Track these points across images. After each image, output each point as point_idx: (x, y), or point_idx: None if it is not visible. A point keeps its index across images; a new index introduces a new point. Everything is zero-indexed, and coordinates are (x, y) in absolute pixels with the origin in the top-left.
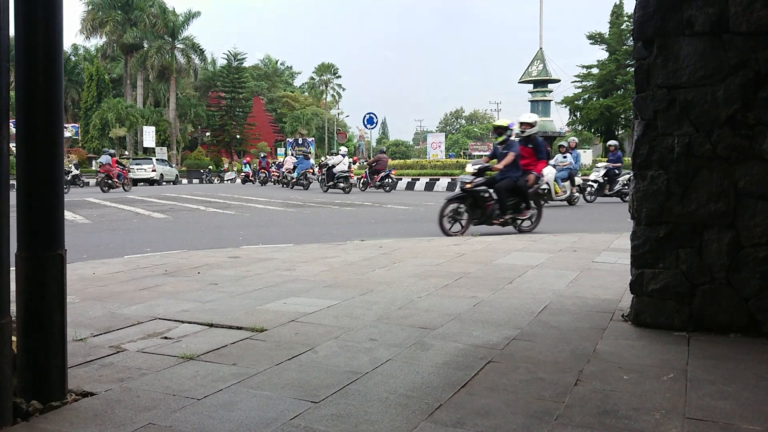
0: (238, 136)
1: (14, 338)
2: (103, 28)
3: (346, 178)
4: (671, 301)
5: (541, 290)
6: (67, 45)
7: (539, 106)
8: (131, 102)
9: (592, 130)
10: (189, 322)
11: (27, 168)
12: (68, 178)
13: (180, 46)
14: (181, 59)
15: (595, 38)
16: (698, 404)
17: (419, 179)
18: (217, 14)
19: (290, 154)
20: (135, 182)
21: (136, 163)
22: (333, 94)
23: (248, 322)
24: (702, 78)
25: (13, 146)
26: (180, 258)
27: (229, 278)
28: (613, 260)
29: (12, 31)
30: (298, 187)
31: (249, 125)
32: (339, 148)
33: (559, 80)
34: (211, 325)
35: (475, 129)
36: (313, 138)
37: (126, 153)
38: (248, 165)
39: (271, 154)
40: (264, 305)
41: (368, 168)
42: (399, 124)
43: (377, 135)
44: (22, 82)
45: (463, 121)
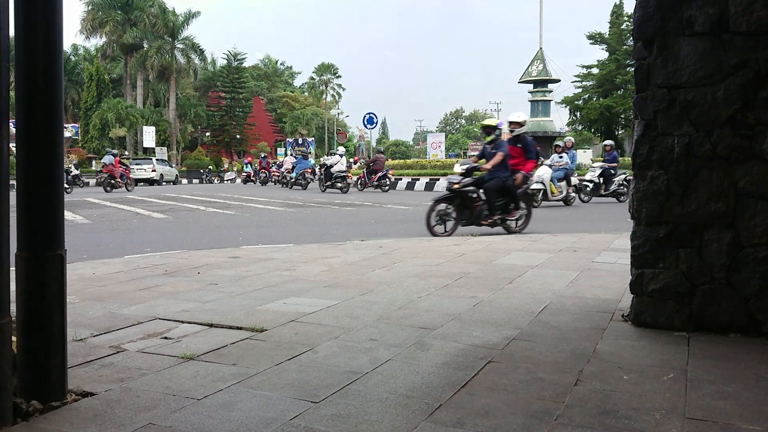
0: (238, 136)
1: (14, 338)
2: (103, 28)
3: (344, 177)
4: (671, 301)
5: (541, 290)
6: (67, 45)
7: (539, 106)
8: (131, 102)
9: (592, 130)
10: (189, 322)
11: (27, 168)
12: (69, 178)
13: (180, 46)
14: (181, 59)
15: (595, 38)
16: (698, 404)
17: (419, 179)
18: (217, 14)
19: (290, 154)
20: (135, 182)
21: (136, 163)
22: (333, 94)
23: (248, 322)
24: (702, 78)
25: (13, 146)
26: (180, 258)
27: (229, 278)
28: (613, 260)
29: (12, 31)
30: (296, 187)
31: (249, 125)
32: (337, 148)
33: (559, 80)
34: (211, 325)
35: (475, 129)
36: (313, 138)
37: (126, 153)
38: (249, 165)
39: (271, 154)
40: (264, 305)
41: (366, 168)
42: (399, 124)
43: (377, 135)
44: (22, 82)
45: (463, 121)
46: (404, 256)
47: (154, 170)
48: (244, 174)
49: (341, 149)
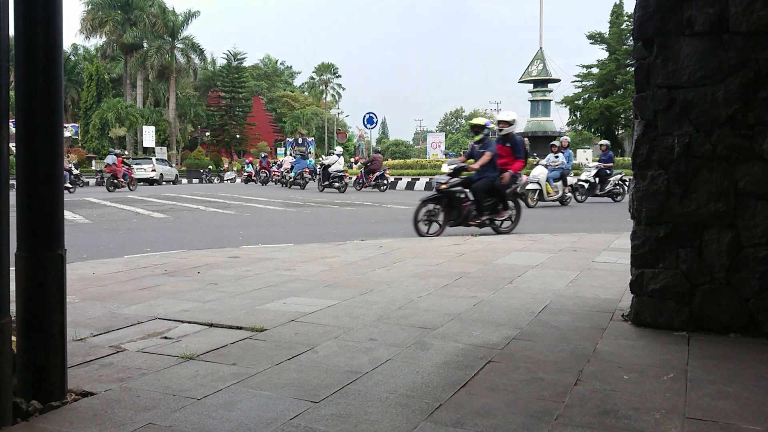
0: (237, 136)
1: (14, 338)
2: (103, 28)
3: (341, 177)
4: (671, 301)
5: (541, 290)
6: (66, 45)
7: (539, 106)
8: (131, 102)
9: (592, 130)
10: (189, 322)
11: (27, 168)
12: (72, 178)
13: (180, 45)
14: (180, 59)
15: (595, 38)
16: (698, 404)
17: (419, 179)
18: (217, 14)
19: (289, 153)
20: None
21: (135, 163)
22: (333, 94)
23: (248, 322)
24: (702, 78)
25: (13, 146)
26: (180, 258)
27: (229, 278)
28: (613, 260)
29: (12, 31)
30: (295, 187)
31: (249, 125)
32: (335, 148)
33: (559, 80)
34: (211, 325)
35: None
36: (312, 138)
37: (126, 153)
38: (251, 165)
39: (271, 154)
40: (264, 305)
41: (363, 168)
42: (399, 124)
43: (377, 135)
44: (22, 82)
45: (463, 121)
46: (404, 256)
47: (153, 170)
48: (246, 174)
49: (338, 149)
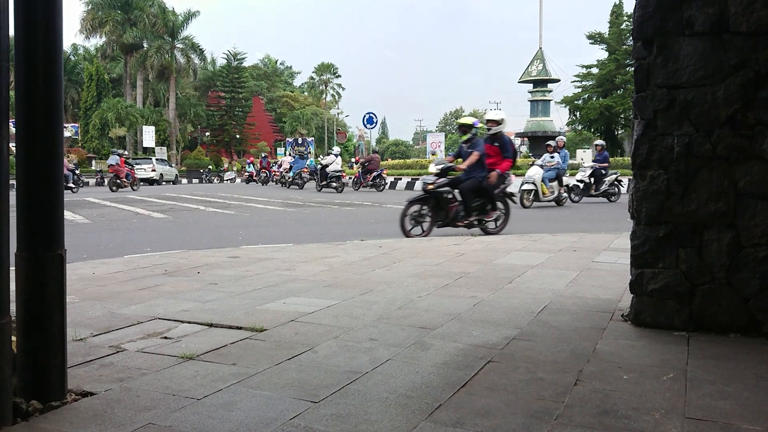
0: (237, 136)
1: (14, 338)
2: (103, 28)
3: (339, 177)
4: (671, 301)
5: (541, 290)
6: (66, 45)
7: (539, 106)
8: (131, 102)
9: (591, 130)
10: (189, 322)
11: (27, 168)
12: (75, 178)
13: (180, 45)
14: (180, 59)
15: (595, 38)
16: (698, 404)
17: (419, 179)
18: (217, 14)
19: (288, 153)
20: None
21: (135, 163)
22: (333, 94)
23: (248, 322)
24: (702, 78)
25: (13, 146)
26: (180, 258)
27: (228, 278)
28: (613, 260)
29: (12, 31)
30: (294, 187)
31: (249, 125)
32: (332, 148)
33: (558, 80)
34: (210, 325)
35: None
36: (312, 138)
37: (125, 153)
38: (252, 165)
39: (271, 154)
40: (264, 305)
41: (361, 167)
42: (399, 123)
43: (377, 135)
44: (22, 82)
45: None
46: (404, 256)
47: (153, 170)
48: (247, 174)
49: (336, 149)
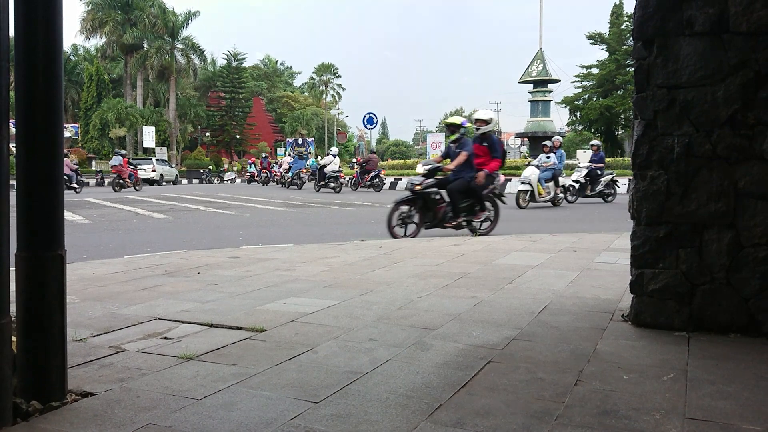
0: (237, 137)
1: (14, 338)
2: (103, 28)
3: (336, 177)
4: (671, 301)
5: (541, 290)
6: (67, 45)
7: (539, 106)
8: (131, 102)
9: (592, 130)
10: (189, 322)
11: (27, 168)
12: (79, 179)
13: (180, 46)
14: (180, 59)
15: (595, 38)
16: (698, 404)
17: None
18: (217, 14)
19: (288, 154)
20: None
21: (136, 163)
22: (333, 94)
23: (248, 322)
24: (702, 78)
25: (13, 146)
26: (180, 258)
27: (229, 278)
28: (613, 260)
29: (12, 31)
30: (292, 187)
31: (249, 125)
32: (330, 149)
33: (559, 80)
34: (211, 325)
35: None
36: (312, 138)
37: (126, 153)
38: (254, 165)
39: (271, 155)
40: (264, 305)
41: (359, 168)
42: (399, 124)
43: (377, 135)
44: (22, 82)
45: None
46: (404, 256)
47: (153, 170)
48: (248, 174)
49: (334, 149)
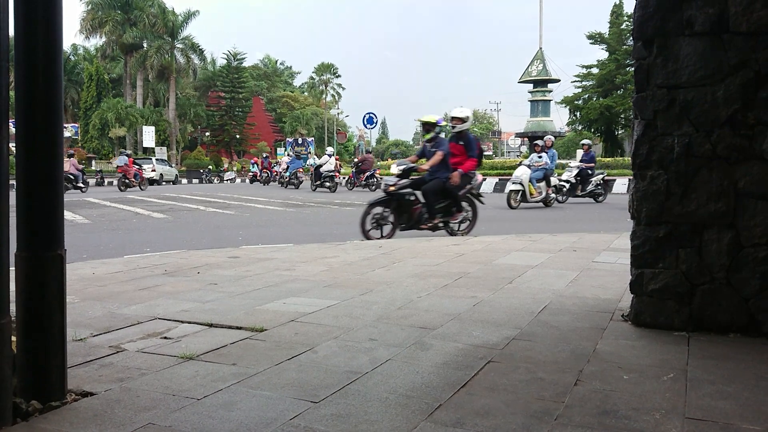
0: (237, 136)
1: (14, 338)
2: (103, 28)
3: (332, 177)
4: (671, 301)
5: (541, 290)
6: (66, 45)
7: (539, 106)
8: (131, 102)
9: (592, 130)
10: (189, 322)
11: (27, 168)
12: (84, 178)
13: (179, 45)
14: (180, 59)
15: (595, 38)
16: (698, 404)
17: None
18: (217, 14)
19: (287, 154)
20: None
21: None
22: (333, 94)
23: (248, 322)
24: (702, 78)
25: (13, 146)
26: (180, 258)
27: (228, 278)
28: (613, 260)
29: (12, 31)
30: (290, 186)
31: (249, 125)
32: (326, 149)
33: (558, 80)
34: (210, 325)
35: (475, 129)
36: (312, 138)
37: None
38: (256, 165)
39: (271, 154)
40: (264, 305)
41: (355, 168)
42: (399, 124)
43: (377, 135)
44: (22, 82)
45: None
46: (404, 256)
47: (153, 170)
48: (251, 174)
49: (330, 149)
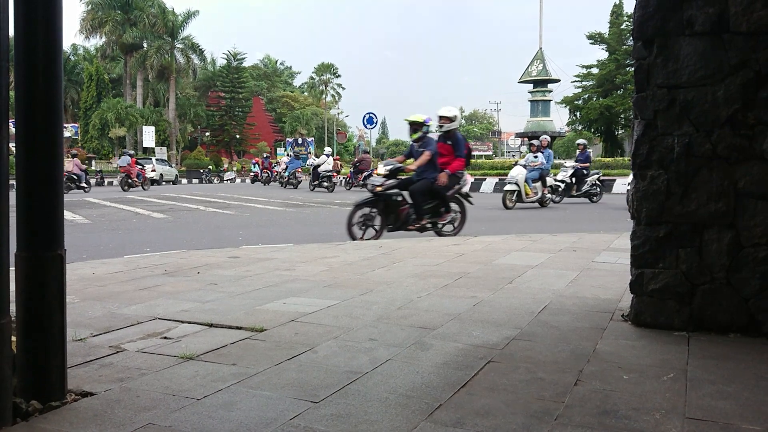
0: (237, 136)
1: (14, 338)
2: (103, 28)
3: (330, 177)
4: (671, 301)
5: (541, 290)
6: (66, 45)
7: (539, 106)
8: (131, 102)
9: (592, 130)
10: (189, 322)
11: (27, 168)
12: (87, 178)
13: (179, 45)
14: (180, 59)
15: (595, 38)
16: (698, 404)
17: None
18: (217, 14)
19: (287, 154)
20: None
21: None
22: (333, 94)
23: (248, 322)
24: (702, 78)
25: (13, 146)
26: (180, 258)
27: (228, 278)
28: (613, 260)
29: (12, 31)
30: (289, 186)
31: (249, 125)
32: (324, 149)
33: (558, 80)
34: (210, 325)
35: (475, 129)
36: (312, 138)
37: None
38: (257, 165)
39: (271, 154)
40: (264, 305)
41: (353, 167)
42: (399, 124)
43: (377, 135)
44: (22, 82)
45: (463, 121)
46: (404, 256)
47: (153, 170)
48: (252, 174)
49: (327, 149)
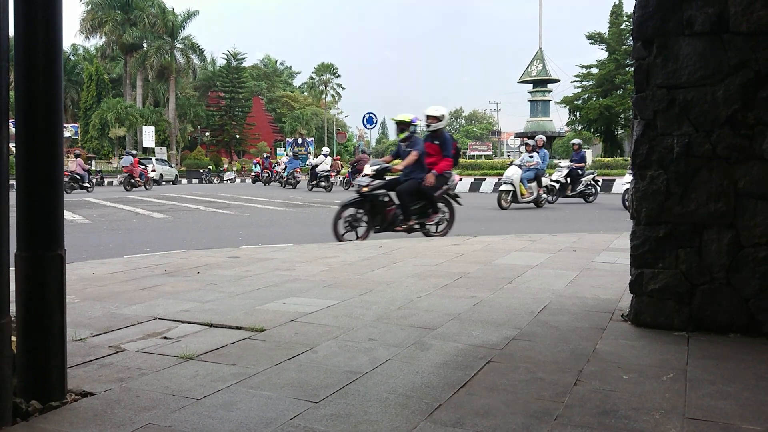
0: (237, 136)
1: (14, 338)
2: (103, 28)
3: (327, 177)
4: (671, 301)
5: (540, 290)
6: (66, 45)
7: (539, 106)
8: (131, 102)
9: (591, 130)
10: (189, 322)
11: (27, 168)
12: (90, 178)
13: (179, 45)
14: (180, 59)
15: (595, 38)
16: (698, 404)
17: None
18: (217, 14)
19: (287, 154)
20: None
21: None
22: (333, 94)
23: (248, 322)
24: (702, 78)
25: (13, 146)
26: (180, 258)
27: (228, 278)
28: (613, 260)
29: (12, 31)
30: (288, 186)
31: (248, 125)
32: (322, 149)
33: (558, 80)
34: (210, 325)
35: (475, 129)
36: (312, 138)
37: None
38: (257, 165)
39: (271, 154)
40: (264, 305)
41: (351, 167)
42: None
43: (377, 135)
44: (22, 82)
45: (463, 121)
46: (404, 256)
47: (153, 170)
48: (253, 174)
49: (325, 149)
